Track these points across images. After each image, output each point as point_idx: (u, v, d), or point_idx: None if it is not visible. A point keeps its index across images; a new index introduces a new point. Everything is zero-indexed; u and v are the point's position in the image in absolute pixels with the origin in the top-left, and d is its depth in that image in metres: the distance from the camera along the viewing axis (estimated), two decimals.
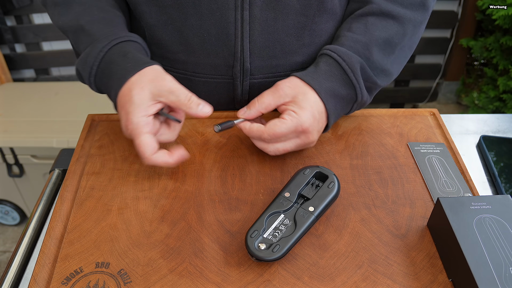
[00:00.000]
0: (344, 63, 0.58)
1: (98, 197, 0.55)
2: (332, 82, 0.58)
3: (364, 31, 0.60)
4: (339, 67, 0.58)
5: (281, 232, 0.48)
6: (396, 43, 0.61)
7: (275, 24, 0.61)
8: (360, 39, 0.59)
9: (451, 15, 2.08)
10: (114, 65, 0.56)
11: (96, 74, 0.58)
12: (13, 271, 0.50)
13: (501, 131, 0.71)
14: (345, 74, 0.58)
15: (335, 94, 0.58)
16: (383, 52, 0.61)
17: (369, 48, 0.59)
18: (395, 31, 0.61)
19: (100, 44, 0.57)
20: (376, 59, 0.60)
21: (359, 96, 0.59)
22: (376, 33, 0.60)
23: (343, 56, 0.58)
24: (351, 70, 0.58)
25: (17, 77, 2.08)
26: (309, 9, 0.60)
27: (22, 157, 1.50)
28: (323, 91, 0.57)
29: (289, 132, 0.55)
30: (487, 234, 0.46)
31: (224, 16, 0.59)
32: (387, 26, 0.61)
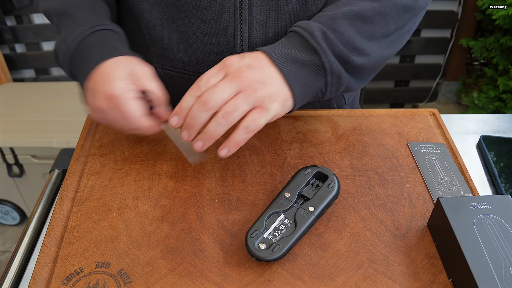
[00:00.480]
0: (301, 29, 0.53)
1: (98, 197, 0.55)
2: (290, 49, 0.52)
3: (333, 8, 0.56)
4: (296, 35, 0.54)
5: (281, 232, 0.48)
6: (372, 20, 0.55)
7: (274, 23, 0.61)
8: (326, 13, 0.56)
9: (451, 15, 2.09)
10: (92, 48, 0.56)
11: (73, 54, 0.57)
12: (13, 271, 0.50)
13: (501, 131, 0.71)
14: (303, 39, 0.53)
15: (292, 58, 0.52)
16: (353, 26, 0.54)
17: (334, 19, 0.54)
18: (368, 6, 0.55)
19: (83, 27, 0.57)
20: (344, 30, 0.54)
21: (325, 61, 0.52)
22: (345, 8, 0.55)
23: (301, 24, 0.54)
24: (309, 34, 0.52)
25: (17, 77, 2.08)
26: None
27: (22, 157, 1.51)
28: (275, 55, 0.52)
29: (214, 72, 0.51)
30: (487, 234, 0.46)
31: (223, 15, 0.59)
32: (359, 2, 0.56)
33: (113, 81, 0.52)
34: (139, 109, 0.53)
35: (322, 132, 0.65)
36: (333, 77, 0.54)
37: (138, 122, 0.53)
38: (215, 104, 0.49)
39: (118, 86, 0.52)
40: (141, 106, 0.53)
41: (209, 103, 0.49)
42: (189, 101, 0.50)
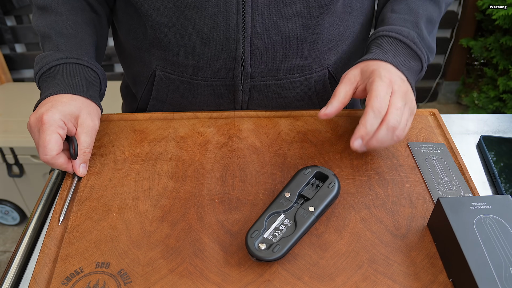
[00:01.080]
0: (405, 38, 0.59)
1: (98, 197, 0.55)
2: (401, 57, 0.59)
3: (408, 10, 0.62)
4: (402, 44, 0.59)
5: (281, 232, 0.48)
6: (436, 21, 0.64)
7: (277, 27, 0.60)
8: (407, 19, 0.61)
9: (451, 15, 2.09)
10: (59, 77, 0.59)
11: (42, 74, 0.61)
12: (13, 271, 0.50)
13: (501, 131, 0.71)
14: (409, 48, 0.59)
15: (407, 67, 0.59)
16: (428, 30, 0.63)
17: (418, 26, 0.61)
18: (433, 9, 0.63)
19: (61, 54, 0.60)
20: (425, 36, 0.62)
21: (424, 65, 0.61)
22: (420, 12, 0.62)
23: (402, 32, 0.59)
24: (413, 43, 0.59)
25: (17, 77, 2.08)
26: (312, 12, 0.60)
27: (22, 157, 1.51)
28: (396, 63, 0.57)
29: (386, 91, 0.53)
30: (487, 234, 0.46)
31: (226, 19, 0.59)
32: (426, 5, 0.63)
33: (53, 109, 0.55)
34: (57, 145, 0.54)
35: (322, 132, 0.65)
36: (421, 76, 0.63)
37: (51, 156, 0.54)
38: (400, 126, 0.53)
39: (53, 116, 0.54)
40: (60, 144, 0.55)
41: (397, 127, 0.52)
42: (375, 123, 0.52)
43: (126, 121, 0.67)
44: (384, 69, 0.55)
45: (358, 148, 0.53)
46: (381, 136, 0.52)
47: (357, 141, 0.52)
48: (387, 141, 0.53)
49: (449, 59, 2.24)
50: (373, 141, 0.53)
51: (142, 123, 0.67)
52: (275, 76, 0.66)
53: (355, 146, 0.53)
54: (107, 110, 0.69)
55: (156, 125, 0.66)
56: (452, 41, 2.15)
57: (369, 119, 0.52)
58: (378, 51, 0.59)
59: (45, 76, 0.61)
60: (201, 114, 0.68)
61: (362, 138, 0.52)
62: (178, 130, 0.65)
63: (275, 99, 0.70)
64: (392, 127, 0.52)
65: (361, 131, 0.52)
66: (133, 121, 0.67)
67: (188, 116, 0.68)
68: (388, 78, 0.54)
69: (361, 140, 0.52)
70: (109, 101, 1.66)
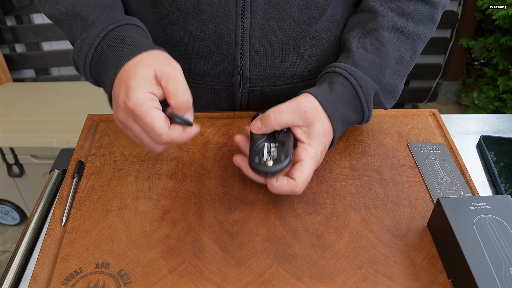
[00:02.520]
0: (360, 89, 0.55)
1: (98, 197, 0.55)
2: (345, 108, 0.55)
3: (378, 50, 0.58)
4: (354, 94, 0.55)
5: (275, 149, 0.51)
6: (408, 63, 0.60)
7: (276, 33, 0.60)
8: (374, 61, 0.57)
9: (451, 15, 2.08)
10: (111, 51, 0.51)
11: (92, 62, 0.53)
12: (13, 271, 0.50)
13: (501, 131, 0.71)
14: (358, 101, 0.56)
15: (345, 120, 0.56)
16: (396, 74, 0.59)
17: (382, 71, 0.57)
18: (406, 49, 0.59)
19: (96, 29, 0.52)
20: (388, 82, 0.58)
21: (364, 122, 0.59)
22: (390, 53, 0.58)
23: (360, 81, 0.55)
24: (365, 98, 0.55)
25: (17, 77, 2.08)
26: (311, 18, 0.60)
27: (22, 157, 1.50)
28: (335, 118, 0.54)
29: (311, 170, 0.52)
30: (487, 234, 0.46)
31: (225, 24, 0.58)
32: (399, 44, 0.59)
33: (130, 91, 0.47)
34: (163, 118, 0.47)
35: None
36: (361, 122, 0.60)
37: (166, 132, 0.47)
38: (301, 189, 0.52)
39: (136, 96, 0.46)
40: (164, 116, 0.48)
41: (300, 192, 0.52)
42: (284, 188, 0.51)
43: None
44: (322, 131, 0.53)
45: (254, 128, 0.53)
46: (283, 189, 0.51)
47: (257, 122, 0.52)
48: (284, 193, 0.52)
49: (449, 59, 2.24)
50: (272, 189, 0.51)
51: None
52: (274, 82, 0.65)
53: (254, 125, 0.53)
54: (107, 110, 0.69)
55: None
56: (452, 41, 2.15)
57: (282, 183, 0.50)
58: (328, 91, 0.55)
59: (95, 60, 0.53)
60: (201, 114, 0.68)
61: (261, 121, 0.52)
62: None
63: (275, 103, 0.69)
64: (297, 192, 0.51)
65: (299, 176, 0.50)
66: None
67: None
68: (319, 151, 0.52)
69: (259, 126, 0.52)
70: None
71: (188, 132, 0.50)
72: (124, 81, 0.48)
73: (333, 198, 0.55)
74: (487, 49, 2.03)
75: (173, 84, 0.48)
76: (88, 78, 0.56)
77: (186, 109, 0.49)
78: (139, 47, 0.51)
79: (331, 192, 0.56)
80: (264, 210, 0.54)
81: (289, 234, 0.51)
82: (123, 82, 0.48)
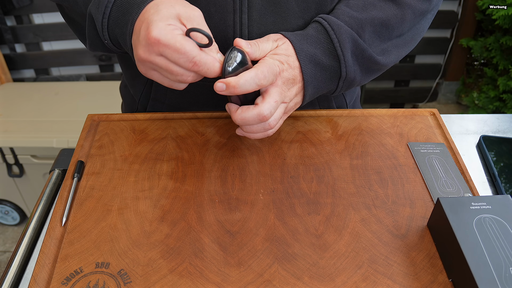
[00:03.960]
0: (333, 32, 0.55)
1: (98, 197, 0.55)
2: (316, 49, 0.55)
3: (362, 8, 0.58)
4: (326, 35, 0.55)
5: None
6: (393, 27, 0.59)
7: (274, 27, 0.60)
8: (356, 16, 0.57)
9: (451, 15, 2.08)
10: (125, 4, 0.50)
11: (111, 13, 0.52)
12: (13, 271, 0.50)
13: (501, 131, 0.71)
14: (331, 43, 0.55)
15: (315, 61, 0.55)
16: (377, 35, 0.59)
17: (363, 27, 0.57)
18: (393, 14, 0.59)
19: None
20: (368, 39, 0.58)
21: (343, 69, 0.56)
22: (373, 12, 0.58)
23: (334, 26, 0.55)
24: (338, 40, 0.55)
25: (17, 77, 2.08)
26: (308, 12, 0.60)
27: (22, 157, 1.51)
28: (302, 53, 0.54)
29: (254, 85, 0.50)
30: (487, 234, 0.46)
31: (223, 19, 0.59)
32: (385, 7, 0.59)
33: (154, 23, 0.45)
34: (191, 41, 0.46)
35: (322, 132, 0.65)
36: (345, 82, 0.58)
37: (198, 53, 0.46)
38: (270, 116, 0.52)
39: (160, 27, 0.45)
40: (192, 41, 0.46)
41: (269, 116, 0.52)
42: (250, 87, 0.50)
43: (126, 121, 0.67)
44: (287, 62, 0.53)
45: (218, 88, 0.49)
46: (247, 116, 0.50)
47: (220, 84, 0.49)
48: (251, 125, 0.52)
49: (449, 59, 2.24)
50: (238, 119, 0.51)
51: (142, 123, 0.67)
52: None
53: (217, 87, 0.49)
54: (107, 110, 0.69)
55: (156, 125, 0.66)
56: (452, 41, 2.15)
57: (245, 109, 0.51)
58: (300, 32, 0.56)
59: (115, 10, 0.52)
60: (201, 114, 0.68)
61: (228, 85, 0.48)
62: (178, 130, 0.65)
63: None
64: (263, 116, 0.50)
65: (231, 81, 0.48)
66: (133, 121, 0.67)
67: (188, 116, 0.68)
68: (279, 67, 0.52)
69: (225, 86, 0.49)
70: (109, 101, 1.66)
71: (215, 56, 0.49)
72: (145, 19, 0.47)
73: (333, 198, 0.55)
74: (487, 49, 2.03)
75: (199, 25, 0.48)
76: (104, 33, 0.54)
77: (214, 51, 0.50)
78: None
79: (331, 192, 0.56)
80: (264, 210, 0.54)
81: (289, 234, 0.51)
82: (144, 20, 0.47)
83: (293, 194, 0.56)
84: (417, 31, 0.63)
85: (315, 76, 0.56)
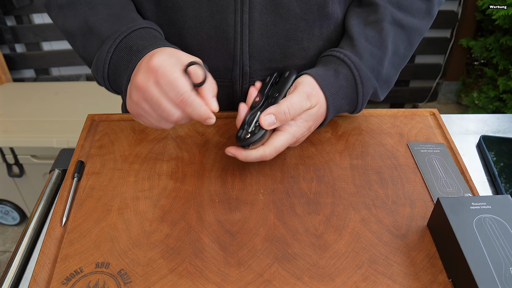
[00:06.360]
0: (361, 86, 0.58)
1: (98, 197, 0.55)
2: (343, 100, 0.59)
3: (380, 42, 0.60)
4: (355, 90, 0.59)
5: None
6: (404, 55, 0.63)
7: (274, 28, 0.60)
8: (376, 53, 0.60)
9: (451, 15, 2.08)
10: (121, 62, 0.55)
11: (109, 76, 0.57)
12: (13, 271, 0.50)
13: (501, 131, 0.71)
14: (355, 96, 0.59)
15: (338, 110, 0.60)
16: (392, 65, 0.62)
17: (382, 63, 0.60)
18: (402, 42, 0.62)
19: (106, 46, 0.55)
20: (385, 73, 0.61)
21: (355, 113, 0.63)
22: (389, 46, 0.60)
23: (363, 79, 0.58)
24: (362, 96, 0.59)
25: (17, 77, 2.08)
26: (310, 13, 0.60)
27: (22, 157, 1.50)
28: (332, 108, 0.58)
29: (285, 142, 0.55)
30: (487, 234, 0.46)
31: (224, 19, 0.59)
32: (397, 36, 0.61)
33: (157, 54, 0.48)
34: (186, 79, 0.47)
35: (322, 132, 0.65)
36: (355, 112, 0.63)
37: (186, 92, 0.47)
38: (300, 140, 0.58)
39: (162, 57, 0.47)
40: (185, 80, 0.48)
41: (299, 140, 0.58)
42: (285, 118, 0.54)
43: (126, 121, 0.67)
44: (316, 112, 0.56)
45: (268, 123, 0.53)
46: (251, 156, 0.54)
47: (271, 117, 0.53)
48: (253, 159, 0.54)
49: (449, 59, 2.24)
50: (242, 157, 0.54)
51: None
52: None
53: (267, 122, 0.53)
54: (107, 110, 0.69)
55: None
56: (452, 41, 2.15)
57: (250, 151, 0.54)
58: (333, 80, 0.57)
59: (111, 74, 0.56)
60: None
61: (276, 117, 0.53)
62: (178, 130, 0.65)
63: None
64: (265, 157, 0.54)
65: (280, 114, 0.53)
66: (133, 121, 0.67)
67: None
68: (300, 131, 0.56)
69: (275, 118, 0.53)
70: (109, 101, 1.66)
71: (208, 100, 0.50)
72: (145, 58, 0.51)
73: (333, 198, 0.55)
74: (487, 49, 2.03)
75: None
76: (110, 90, 0.60)
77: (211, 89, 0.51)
78: (146, 49, 0.53)
79: (331, 192, 0.56)
80: (264, 210, 0.54)
81: (289, 234, 0.51)
82: (143, 61, 0.51)
83: (293, 194, 0.56)
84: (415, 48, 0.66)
85: (330, 118, 0.60)
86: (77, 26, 0.58)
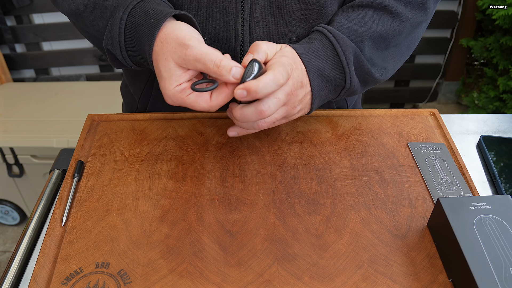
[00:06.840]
0: (338, 45, 0.56)
1: (98, 197, 0.55)
2: (323, 62, 0.56)
3: (361, 21, 0.59)
4: (332, 49, 0.56)
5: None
6: (391, 39, 0.60)
7: (275, 29, 0.60)
8: (356, 29, 0.58)
9: (451, 15, 2.09)
10: (139, 27, 0.53)
11: (126, 45, 0.55)
12: (13, 271, 0.50)
13: (501, 131, 0.71)
14: (337, 57, 0.56)
15: (323, 74, 0.56)
16: (376, 47, 0.60)
17: (362, 40, 0.58)
18: (391, 27, 0.60)
19: (118, 14, 0.54)
20: (367, 52, 0.59)
21: (347, 82, 0.58)
22: (372, 26, 0.59)
23: (339, 39, 0.56)
24: (343, 54, 0.56)
25: (17, 77, 2.08)
26: (310, 14, 0.60)
27: (22, 157, 1.51)
28: (311, 69, 0.55)
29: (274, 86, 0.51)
30: (487, 234, 0.46)
31: (225, 20, 0.59)
32: (384, 21, 0.60)
33: (164, 85, 0.51)
34: (203, 98, 0.51)
35: (322, 132, 0.65)
36: (347, 92, 0.60)
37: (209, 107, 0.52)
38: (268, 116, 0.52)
39: (170, 93, 0.51)
40: (202, 95, 0.51)
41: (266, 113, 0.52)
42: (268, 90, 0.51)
43: (126, 121, 0.67)
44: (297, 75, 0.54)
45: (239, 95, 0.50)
46: (249, 115, 0.51)
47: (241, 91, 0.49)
48: (249, 121, 0.52)
49: (449, 59, 2.24)
50: (237, 114, 0.52)
51: (142, 123, 0.67)
52: None
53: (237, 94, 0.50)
54: (107, 110, 0.69)
55: (156, 125, 0.66)
56: (452, 41, 2.15)
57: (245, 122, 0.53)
58: (306, 45, 0.57)
59: (129, 43, 0.54)
60: (201, 114, 0.68)
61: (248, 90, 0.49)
62: (178, 130, 0.65)
63: None
64: (261, 111, 0.51)
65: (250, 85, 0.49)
66: (133, 121, 0.67)
67: (188, 116, 0.68)
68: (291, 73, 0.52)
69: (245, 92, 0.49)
70: (109, 101, 1.66)
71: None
72: (157, 66, 0.52)
73: (333, 198, 0.55)
74: (487, 49, 2.03)
75: (198, 63, 0.50)
76: (128, 62, 0.57)
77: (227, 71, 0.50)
78: (161, 16, 0.52)
79: (331, 192, 0.56)
80: (264, 210, 0.54)
81: (289, 234, 0.51)
82: (156, 65, 0.52)
83: (293, 194, 0.56)
84: (412, 41, 0.64)
85: (322, 89, 0.57)
86: (84, 3, 0.58)
